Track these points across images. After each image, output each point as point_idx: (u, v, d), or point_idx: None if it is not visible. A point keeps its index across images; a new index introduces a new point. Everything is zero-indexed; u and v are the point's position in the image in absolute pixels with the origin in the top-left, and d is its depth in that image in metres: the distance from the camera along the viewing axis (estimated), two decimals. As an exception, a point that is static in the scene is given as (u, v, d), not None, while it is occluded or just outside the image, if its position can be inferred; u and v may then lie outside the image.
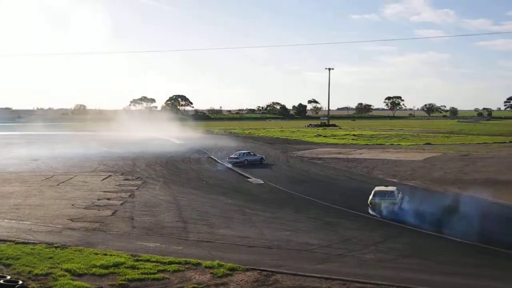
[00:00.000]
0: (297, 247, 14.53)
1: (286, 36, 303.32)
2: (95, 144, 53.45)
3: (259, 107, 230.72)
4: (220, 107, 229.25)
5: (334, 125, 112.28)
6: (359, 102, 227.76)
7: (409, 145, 53.27)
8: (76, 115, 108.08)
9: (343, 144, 56.47)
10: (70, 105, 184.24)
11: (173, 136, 67.04)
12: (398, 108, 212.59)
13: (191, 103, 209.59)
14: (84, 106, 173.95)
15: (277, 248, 14.37)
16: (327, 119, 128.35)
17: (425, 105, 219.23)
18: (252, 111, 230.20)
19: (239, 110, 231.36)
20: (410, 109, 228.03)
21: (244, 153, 37.71)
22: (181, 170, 33.15)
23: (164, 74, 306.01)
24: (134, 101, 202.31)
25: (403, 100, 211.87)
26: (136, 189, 24.57)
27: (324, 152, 45.59)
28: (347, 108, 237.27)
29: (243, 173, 31.55)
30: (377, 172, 32.00)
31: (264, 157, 38.15)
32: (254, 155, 37.94)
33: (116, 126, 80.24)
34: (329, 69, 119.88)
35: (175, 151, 46.78)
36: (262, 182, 28.14)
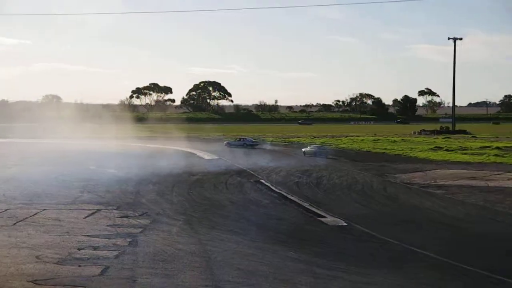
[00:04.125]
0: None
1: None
2: (76, 160, 55.02)
3: (338, 101, 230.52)
4: (276, 101, 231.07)
5: (463, 132, 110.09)
6: (507, 93, 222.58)
7: None
8: (46, 111, 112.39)
9: (479, 163, 55.62)
10: (37, 96, 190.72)
11: (198, 148, 68.39)
12: None
13: (229, 94, 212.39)
14: (58, 98, 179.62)
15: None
16: (451, 122, 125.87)
17: None
18: (327, 108, 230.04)
19: (306, 106, 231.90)
20: None
21: None
22: (213, 202, 33.19)
23: (186, 51, 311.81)
24: (138, 91, 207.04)
25: None
26: (141, 232, 24.56)
27: (447, 176, 44.87)
28: (485, 104, 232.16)
29: (314, 209, 31.22)
30: (541, 211, 30.98)
31: None
32: None
33: (107, 129, 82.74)
34: (455, 39, 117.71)
35: (203, 171, 47.55)
36: (345, 223, 27.70)
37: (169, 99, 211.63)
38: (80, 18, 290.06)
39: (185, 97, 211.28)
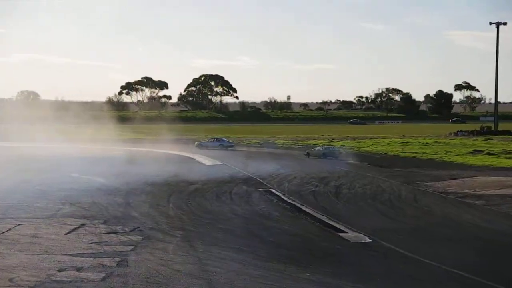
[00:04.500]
0: None
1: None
2: (55, 166, 55.64)
3: (361, 98, 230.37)
4: (288, 97, 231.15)
5: (507, 132, 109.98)
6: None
7: None
8: (20, 109, 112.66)
9: (526, 168, 55.48)
10: (11, 93, 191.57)
11: (198, 152, 69.92)
12: None
13: (234, 90, 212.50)
14: (36, 95, 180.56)
15: None
16: (493, 121, 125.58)
17: None
18: (348, 105, 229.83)
19: (323, 103, 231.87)
20: None
21: None
22: (215, 215, 33.30)
23: (185, 40, 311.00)
24: (129, 87, 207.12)
25: None
26: (132, 250, 24.63)
27: (488, 184, 44.87)
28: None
29: (333, 223, 31.29)
30: None
31: None
32: None
33: (87, 131, 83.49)
34: (498, 24, 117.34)
35: (203, 179, 47.83)
36: (369, 239, 27.76)
37: (164, 96, 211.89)
38: (64, 1, 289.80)
39: (183, 93, 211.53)
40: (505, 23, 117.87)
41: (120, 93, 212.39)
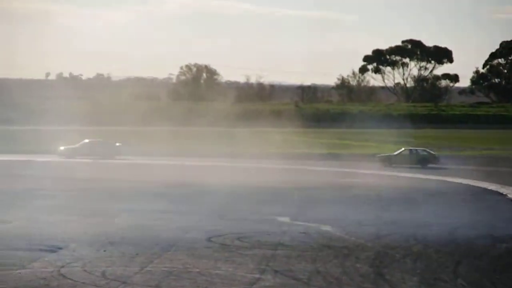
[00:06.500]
0: None
1: None
2: (246, 202, 59.26)
3: None
4: None
5: None
6: None
7: None
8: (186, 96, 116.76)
9: None
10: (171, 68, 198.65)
11: None
12: None
13: None
14: (212, 73, 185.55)
15: None
16: None
17: None
18: None
19: None
20: None
21: None
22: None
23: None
24: (378, 58, 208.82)
25: None
26: None
27: None
28: None
29: None
30: None
31: None
32: None
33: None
34: None
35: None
36: None
37: (445, 76, 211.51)
38: None
39: (481, 70, 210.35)
40: None
41: (363, 69, 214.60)
